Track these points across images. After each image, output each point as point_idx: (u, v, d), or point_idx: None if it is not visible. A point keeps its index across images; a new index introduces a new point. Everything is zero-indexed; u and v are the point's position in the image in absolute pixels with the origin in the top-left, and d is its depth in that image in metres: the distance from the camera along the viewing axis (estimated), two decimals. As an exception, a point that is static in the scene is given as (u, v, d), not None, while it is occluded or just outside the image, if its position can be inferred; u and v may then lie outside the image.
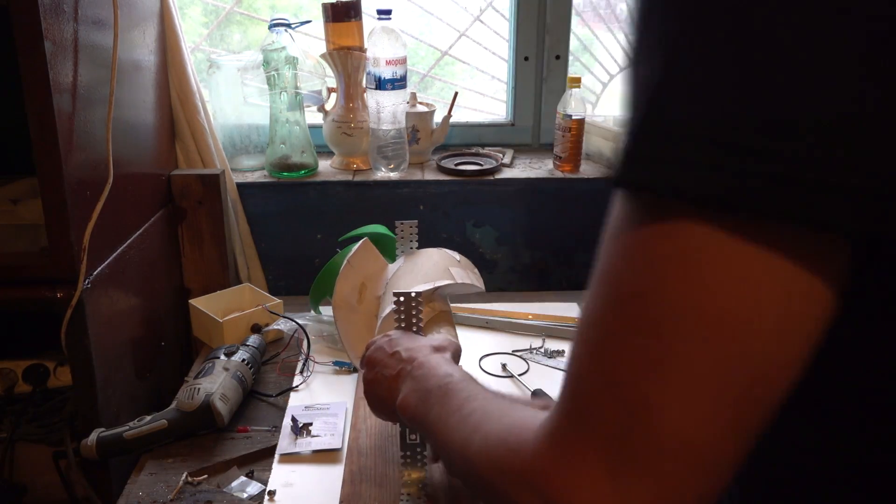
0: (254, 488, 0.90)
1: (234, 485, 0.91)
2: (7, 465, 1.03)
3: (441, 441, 0.59)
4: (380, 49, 1.35)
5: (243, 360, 1.08)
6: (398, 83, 1.37)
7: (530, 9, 1.53)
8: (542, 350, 1.20)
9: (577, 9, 1.56)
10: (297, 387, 1.12)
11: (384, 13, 1.36)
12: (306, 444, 0.97)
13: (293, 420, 0.99)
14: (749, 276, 0.34)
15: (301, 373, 1.15)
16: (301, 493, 0.89)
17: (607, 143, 1.47)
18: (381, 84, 1.36)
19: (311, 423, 1.00)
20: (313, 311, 1.30)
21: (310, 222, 1.44)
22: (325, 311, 1.28)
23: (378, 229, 1.21)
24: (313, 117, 1.50)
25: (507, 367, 1.16)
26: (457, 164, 1.49)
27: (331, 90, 1.48)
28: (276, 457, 0.95)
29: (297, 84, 1.40)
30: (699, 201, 0.33)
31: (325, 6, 1.39)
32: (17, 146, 0.93)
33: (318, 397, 1.09)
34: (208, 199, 1.33)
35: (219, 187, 1.33)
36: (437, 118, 1.51)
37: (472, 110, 1.66)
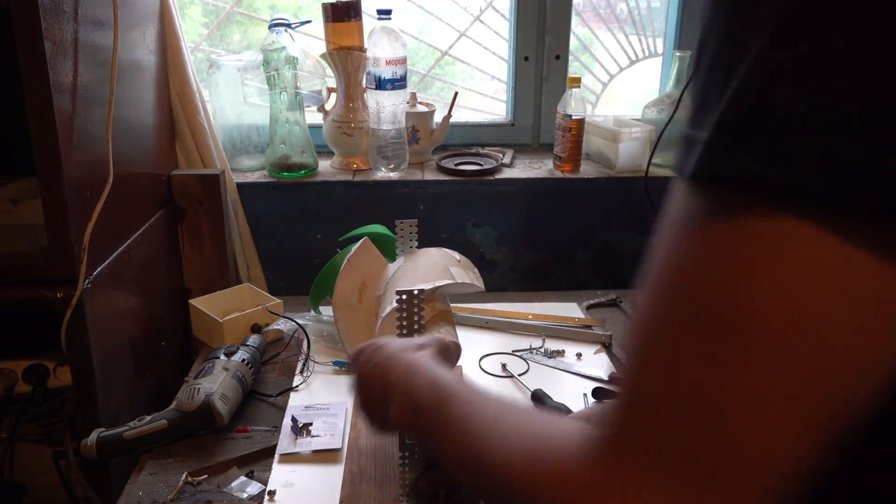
0: (254, 488, 0.90)
1: (234, 485, 0.91)
2: (7, 465, 1.03)
3: (450, 456, 0.53)
4: (380, 49, 1.35)
5: (243, 360, 1.08)
6: (398, 83, 1.37)
7: (530, 9, 1.53)
8: (542, 350, 1.20)
9: (577, 9, 1.56)
10: (297, 387, 1.12)
11: (384, 13, 1.36)
12: (306, 444, 0.97)
13: (293, 420, 0.99)
14: (856, 287, 0.30)
15: (301, 373, 1.15)
16: (301, 493, 0.89)
17: (607, 143, 1.47)
18: (381, 84, 1.36)
19: (311, 423, 1.00)
20: (313, 311, 1.30)
21: (310, 222, 1.44)
22: (325, 311, 1.28)
23: (378, 229, 1.21)
24: (313, 117, 1.50)
25: (507, 367, 1.16)
26: (457, 164, 1.49)
27: (331, 90, 1.48)
28: (276, 457, 0.95)
29: (297, 84, 1.40)
30: (806, 200, 0.30)
31: (325, 6, 1.39)
32: (17, 146, 0.93)
33: (318, 397, 1.09)
34: (208, 199, 1.33)
35: (219, 187, 1.33)
36: (437, 118, 1.51)
37: (472, 110, 1.66)
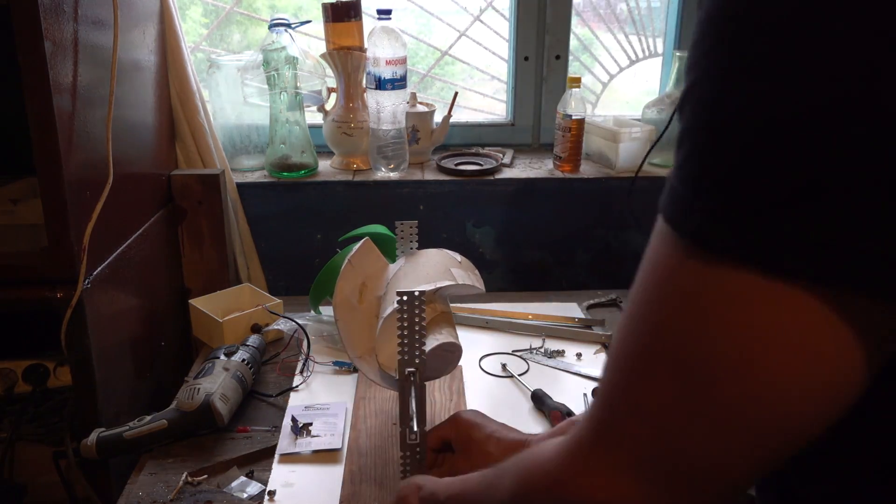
0: (254, 488, 0.90)
1: (234, 485, 0.91)
2: (7, 465, 1.03)
3: None
4: (380, 49, 1.34)
5: (243, 360, 1.08)
6: (398, 83, 1.37)
7: (530, 9, 1.53)
8: (542, 350, 1.20)
9: (577, 9, 1.56)
10: (297, 387, 1.12)
11: (384, 13, 1.36)
12: (306, 444, 0.97)
13: (293, 420, 0.99)
14: (800, 341, 0.35)
15: (301, 373, 1.15)
16: (301, 493, 0.89)
17: (607, 142, 1.47)
18: (381, 84, 1.36)
19: (311, 423, 1.00)
20: (313, 311, 1.30)
21: (310, 222, 1.44)
22: (325, 311, 1.28)
23: (378, 229, 1.21)
24: (313, 117, 1.50)
25: (507, 367, 1.16)
26: (457, 164, 1.49)
27: (331, 90, 1.48)
28: (276, 457, 0.95)
29: (297, 84, 1.40)
30: (753, 258, 0.34)
31: (325, 6, 1.39)
32: (17, 146, 0.93)
33: (318, 397, 1.09)
34: (208, 199, 1.33)
35: (219, 187, 1.33)
36: (437, 118, 1.51)
37: (472, 110, 1.66)
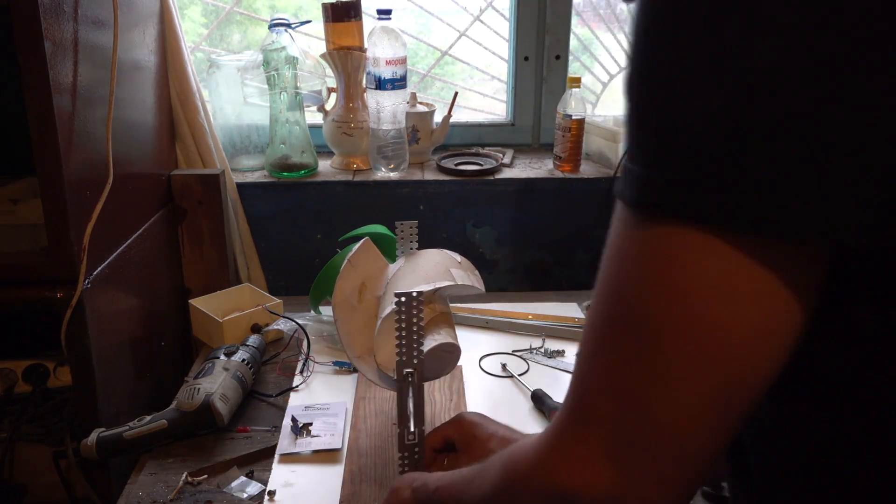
0: (254, 488, 0.90)
1: (234, 485, 0.91)
2: (7, 465, 1.03)
3: None
4: (380, 49, 1.34)
5: (243, 360, 1.08)
6: (398, 83, 1.37)
7: (530, 9, 1.53)
8: (542, 350, 1.20)
9: (577, 9, 1.56)
10: (297, 387, 1.12)
11: (384, 13, 1.36)
12: (306, 445, 0.97)
13: (293, 420, 0.99)
14: (728, 286, 0.36)
15: (301, 373, 1.15)
16: (301, 493, 0.89)
17: (607, 142, 1.47)
18: (381, 84, 1.36)
19: (311, 423, 1.00)
20: (313, 311, 1.30)
21: (310, 222, 1.44)
22: (325, 311, 1.28)
23: (378, 229, 1.21)
24: (313, 117, 1.50)
25: (507, 367, 1.16)
26: (457, 164, 1.49)
27: (331, 90, 1.48)
28: (276, 457, 0.95)
29: (297, 84, 1.40)
30: (676, 212, 0.36)
31: (325, 6, 1.39)
32: (17, 146, 0.93)
33: (318, 397, 1.09)
34: (208, 199, 1.33)
35: (219, 187, 1.33)
36: (437, 118, 1.51)
37: (472, 110, 1.66)
